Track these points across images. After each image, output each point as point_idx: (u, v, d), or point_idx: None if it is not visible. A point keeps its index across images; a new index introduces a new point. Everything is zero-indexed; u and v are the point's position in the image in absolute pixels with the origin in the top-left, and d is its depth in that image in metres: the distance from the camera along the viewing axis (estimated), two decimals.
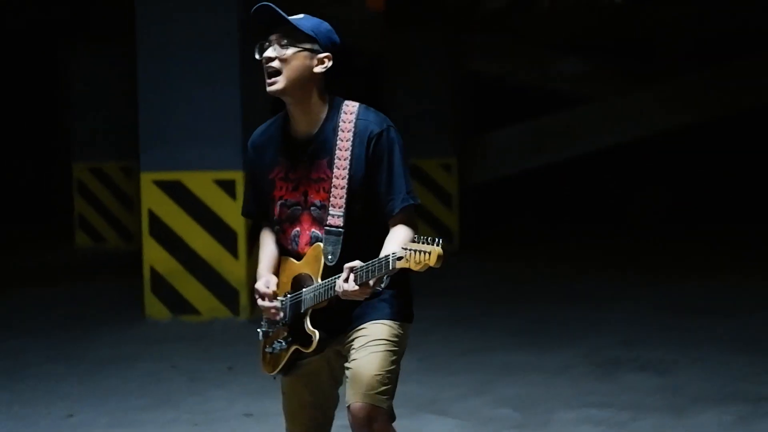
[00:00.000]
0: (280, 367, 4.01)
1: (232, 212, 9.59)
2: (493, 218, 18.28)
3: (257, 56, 3.92)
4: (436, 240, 3.50)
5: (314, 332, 3.84)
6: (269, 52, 3.88)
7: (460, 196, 15.38)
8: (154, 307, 9.92)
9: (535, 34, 18.66)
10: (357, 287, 3.65)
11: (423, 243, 3.49)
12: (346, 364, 3.94)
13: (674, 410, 6.74)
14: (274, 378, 4.11)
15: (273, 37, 3.89)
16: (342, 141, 3.87)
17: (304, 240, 3.95)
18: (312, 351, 3.87)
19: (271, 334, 4.05)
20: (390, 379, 3.92)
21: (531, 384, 7.49)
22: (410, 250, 3.50)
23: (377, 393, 3.86)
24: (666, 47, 18.83)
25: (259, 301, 3.99)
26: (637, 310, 10.27)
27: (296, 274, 3.97)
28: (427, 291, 11.40)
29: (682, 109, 17.22)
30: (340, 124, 3.90)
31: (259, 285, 3.99)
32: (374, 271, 3.60)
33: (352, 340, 3.94)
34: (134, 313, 10.14)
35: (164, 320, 9.84)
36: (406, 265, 3.51)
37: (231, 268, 9.70)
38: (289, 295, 3.97)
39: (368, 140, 3.87)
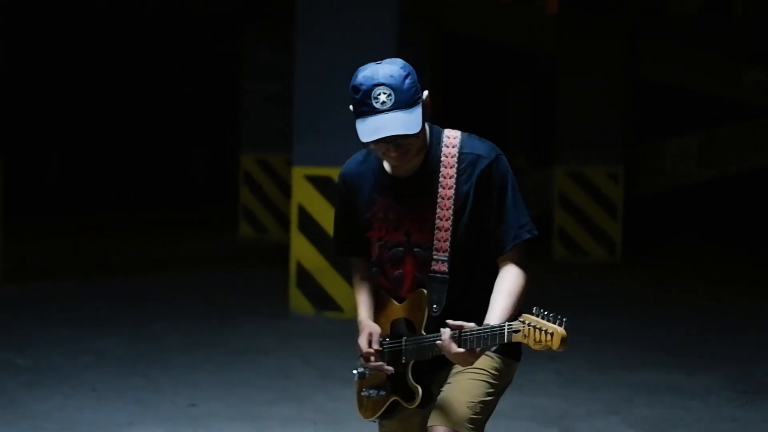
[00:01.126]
0: (379, 413, 3.75)
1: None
2: (661, 230, 17.80)
3: (372, 149, 3.57)
4: (559, 318, 3.19)
5: (417, 388, 3.56)
6: (392, 152, 3.48)
7: (626, 207, 14.99)
8: (298, 302, 9.92)
9: (721, 41, 18.11)
10: (463, 351, 3.37)
11: (545, 318, 3.20)
12: (441, 388, 3.66)
13: None
14: (372, 422, 3.85)
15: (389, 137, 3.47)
16: (445, 178, 3.54)
17: (407, 284, 3.65)
18: (415, 407, 3.61)
19: (368, 376, 3.77)
20: (482, 410, 3.59)
21: (669, 406, 7.18)
22: (530, 325, 3.22)
23: (465, 421, 3.54)
24: None
25: (362, 360, 3.69)
26: None
27: (396, 317, 3.69)
28: (580, 301, 11.19)
29: None
30: (443, 158, 3.56)
31: (362, 341, 3.67)
32: (486, 339, 3.33)
33: (451, 369, 3.65)
34: (279, 306, 10.16)
35: (307, 315, 9.84)
36: (524, 341, 3.25)
37: None
38: (388, 339, 3.68)
39: (478, 175, 3.53)
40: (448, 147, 3.58)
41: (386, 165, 3.65)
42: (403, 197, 3.61)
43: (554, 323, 3.18)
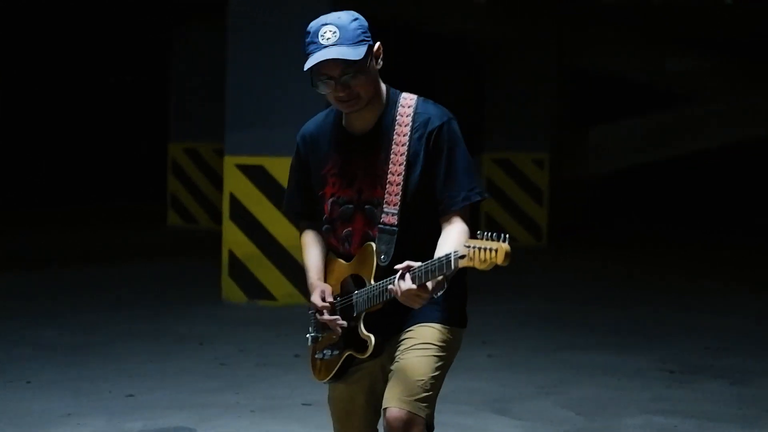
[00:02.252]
0: (333, 373, 3.80)
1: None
2: (593, 217, 18.02)
3: (321, 91, 3.65)
4: (502, 236, 3.24)
5: (369, 337, 3.63)
6: (340, 90, 3.59)
7: (551, 192, 15.18)
8: (231, 291, 9.95)
9: (649, 29, 18.33)
10: (414, 286, 3.41)
11: (487, 239, 3.24)
12: (390, 366, 3.73)
13: (744, 420, 6.52)
14: (326, 383, 3.92)
15: (330, 70, 3.59)
16: (399, 135, 3.65)
17: (356, 240, 3.73)
18: (368, 356, 3.67)
19: (320, 339, 3.85)
20: (433, 386, 3.67)
21: (602, 386, 7.31)
22: (474, 247, 3.24)
23: (417, 400, 3.62)
24: None
25: (318, 316, 3.75)
26: (730, 320, 9.97)
27: (345, 275, 3.76)
28: (508, 286, 11.32)
29: None
30: (398, 117, 3.67)
31: (315, 299, 3.74)
32: (434, 270, 3.36)
33: (400, 342, 3.72)
34: (212, 295, 10.18)
35: (240, 304, 9.87)
36: (470, 264, 3.26)
37: None
38: (339, 299, 3.75)
39: (428, 134, 3.63)
40: (403, 107, 3.70)
41: (344, 121, 3.76)
42: (357, 153, 3.72)
43: (498, 241, 3.23)
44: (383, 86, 3.75)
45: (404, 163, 3.63)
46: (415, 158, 3.64)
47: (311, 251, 3.92)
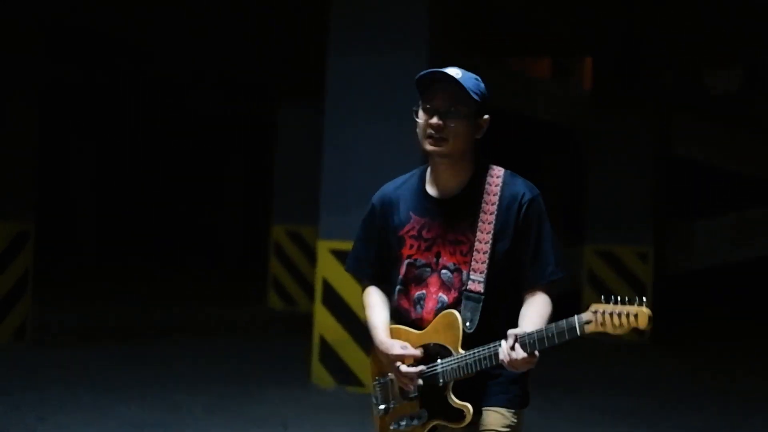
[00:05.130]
0: None
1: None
2: (695, 312, 17.65)
3: (417, 118, 3.74)
4: (636, 299, 3.23)
5: (466, 406, 3.60)
6: (435, 119, 3.67)
7: (655, 286, 14.91)
8: (320, 375, 9.91)
9: (757, 121, 18.10)
10: (526, 355, 3.42)
11: (619, 304, 3.24)
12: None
13: None
14: None
15: (438, 101, 3.68)
16: (488, 204, 3.67)
17: (430, 304, 3.72)
18: (464, 425, 3.63)
19: (391, 410, 3.82)
20: None
21: None
22: (604, 313, 3.23)
23: None
24: None
25: (401, 367, 3.68)
26: None
27: (420, 344, 3.71)
28: (604, 381, 11.10)
29: None
30: (486, 186, 3.71)
31: (395, 348, 3.70)
32: (551, 337, 3.38)
33: (470, 427, 3.68)
34: (301, 378, 10.15)
35: (328, 388, 9.81)
36: (600, 329, 3.27)
37: None
38: (421, 366, 3.70)
39: (518, 206, 3.67)
40: (492, 177, 3.74)
41: (428, 186, 3.80)
42: (440, 217, 3.76)
43: (634, 305, 3.21)
44: (474, 157, 3.78)
45: (491, 231, 3.66)
46: (504, 228, 3.68)
47: (378, 310, 3.89)
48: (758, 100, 19.63)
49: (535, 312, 3.62)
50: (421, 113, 3.73)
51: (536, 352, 3.43)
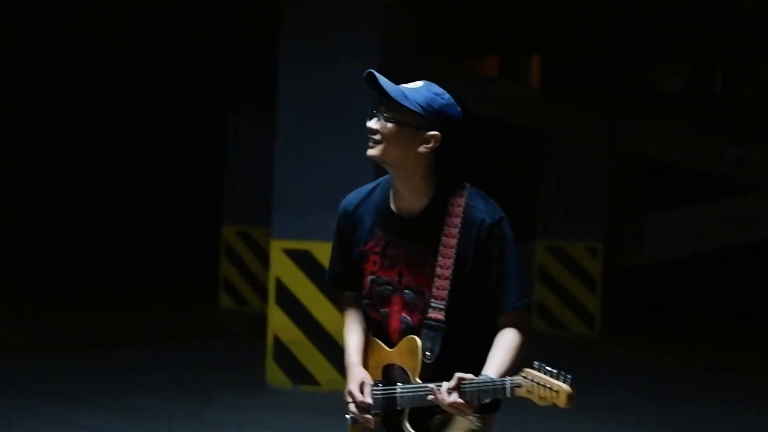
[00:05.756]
0: None
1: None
2: (644, 306, 17.82)
3: (367, 122, 3.63)
4: (563, 375, 3.22)
5: None
6: (372, 123, 3.59)
7: (605, 281, 15.05)
8: (275, 375, 9.91)
9: (703, 117, 18.27)
10: (462, 401, 3.40)
11: (548, 375, 3.24)
12: None
13: None
14: None
15: (381, 105, 3.59)
16: (449, 227, 3.55)
17: (394, 324, 3.66)
18: None
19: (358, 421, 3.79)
20: None
21: None
22: (534, 381, 3.25)
23: None
24: None
25: (352, 407, 3.67)
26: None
27: (387, 362, 3.69)
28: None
29: None
30: (449, 208, 3.57)
31: (354, 389, 3.66)
32: (486, 392, 3.37)
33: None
34: (256, 379, 10.13)
35: (283, 388, 9.81)
36: (527, 396, 3.27)
37: None
38: (380, 385, 3.68)
39: (478, 231, 3.54)
40: (456, 197, 3.60)
41: (392, 202, 3.67)
42: (404, 237, 3.63)
43: (558, 380, 3.21)
44: (435, 174, 3.63)
45: (453, 257, 3.54)
46: (465, 256, 3.55)
47: (353, 330, 3.81)
48: (705, 96, 19.86)
49: (502, 348, 3.55)
50: (371, 115, 3.65)
51: (475, 402, 3.41)
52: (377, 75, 3.53)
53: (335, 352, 9.61)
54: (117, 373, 10.73)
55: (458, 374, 3.40)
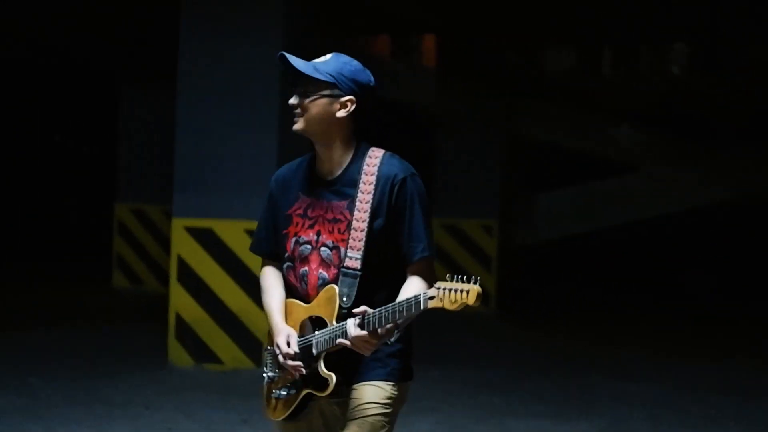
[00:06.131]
0: (290, 411, 3.90)
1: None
2: (538, 283, 18.09)
3: (290, 100, 3.91)
4: (473, 278, 3.40)
5: (330, 376, 3.74)
6: (292, 100, 3.89)
7: (500, 259, 15.24)
8: (177, 354, 9.86)
9: (592, 100, 18.59)
10: (364, 333, 3.57)
11: (457, 281, 3.40)
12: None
13: None
14: (280, 422, 3.98)
15: (299, 84, 3.88)
16: (365, 184, 3.82)
17: (312, 280, 3.87)
18: (327, 394, 3.77)
19: (276, 379, 3.96)
20: None
21: None
22: (444, 289, 3.40)
23: None
24: (722, 122, 18.67)
25: (281, 359, 3.84)
26: (666, 387, 10.03)
27: (304, 317, 3.88)
28: (456, 353, 11.33)
29: (737, 182, 17.05)
30: (364, 167, 3.85)
31: (281, 342, 3.84)
32: (402, 311, 3.51)
33: (345, 401, 3.85)
34: (158, 358, 10.07)
35: (186, 368, 9.77)
36: (440, 305, 3.40)
37: (257, 320, 9.59)
38: (299, 340, 3.85)
39: (391, 185, 3.81)
40: (371, 158, 3.88)
41: (316, 167, 3.98)
42: (322, 196, 3.91)
43: (469, 283, 3.38)
44: (353, 138, 3.94)
45: (368, 210, 3.79)
46: (379, 208, 3.81)
47: (273, 292, 4.04)
48: (592, 77, 20.18)
49: (410, 289, 3.72)
50: (293, 93, 3.93)
51: (381, 331, 3.56)
52: (288, 56, 3.85)
53: (238, 330, 9.64)
54: (14, 355, 10.52)
55: (361, 308, 3.61)
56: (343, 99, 3.84)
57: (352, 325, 3.62)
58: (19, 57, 18.01)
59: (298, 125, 3.89)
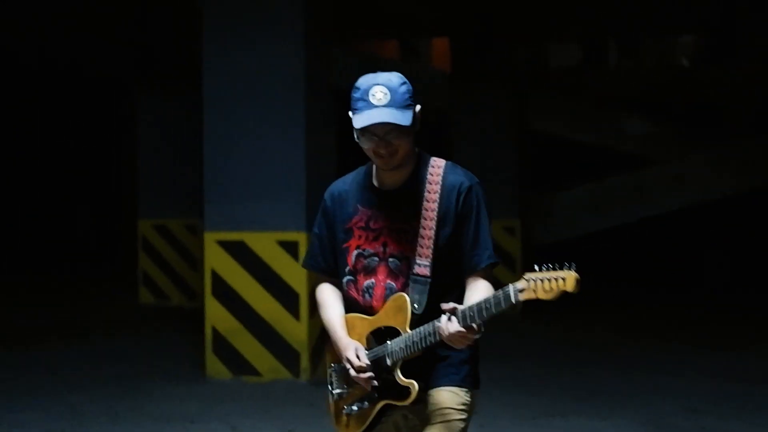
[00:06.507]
0: (366, 424, 3.92)
1: (294, 273, 9.59)
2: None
3: (364, 145, 3.83)
4: (566, 264, 3.39)
5: (412, 383, 3.75)
6: (382, 149, 3.80)
7: (524, 259, 15.28)
8: (215, 367, 9.92)
9: (602, 93, 18.63)
10: (462, 328, 3.56)
11: (549, 270, 3.40)
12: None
13: None
14: None
15: (379, 129, 3.78)
16: (430, 193, 3.86)
17: (379, 292, 3.90)
18: (410, 402, 3.78)
19: (345, 395, 3.98)
20: None
21: None
22: (535, 279, 3.39)
23: None
24: (731, 112, 18.71)
25: (353, 373, 3.84)
26: (700, 378, 10.09)
27: (369, 330, 3.89)
28: (489, 353, 11.36)
29: (748, 173, 17.09)
30: (428, 176, 3.90)
31: (351, 356, 3.85)
32: (489, 308, 3.50)
33: (421, 407, 3.88)
34: (195, 372, 10.14)
35: (225, 380, 9.83)
36: (533, 296, 3.39)
37: (292, 330, 9.68)
38: (368, 352, 3.86)
39: (458, 193, 3.86)
40: (434, 167, 3.93)
41: (374, 179, 3.98)
42: (387, 208, 3.93)
43: (563, 270, 3.39)
44: (414, 150, 3.95)
45: (435, 218, 3.84)
46: (446, 216, 3.86)
47: (333, 308, 4.06)
48: (599, 73, 20.23)
49: (477, 295, 3.72)
50: (363, 140, 3.84)
51: (475, 326, 3.56)
52: (391, 121, 3.75)
53: (274, 341, 9.69)
54: (50, 370, 10.58)
55: (450, 305, 3.62)
56: (417, 111, 3.84)
57: (446, 321, 3.61)
58: (30, 68, 18.05)
59: (394, 161, 3.84)
